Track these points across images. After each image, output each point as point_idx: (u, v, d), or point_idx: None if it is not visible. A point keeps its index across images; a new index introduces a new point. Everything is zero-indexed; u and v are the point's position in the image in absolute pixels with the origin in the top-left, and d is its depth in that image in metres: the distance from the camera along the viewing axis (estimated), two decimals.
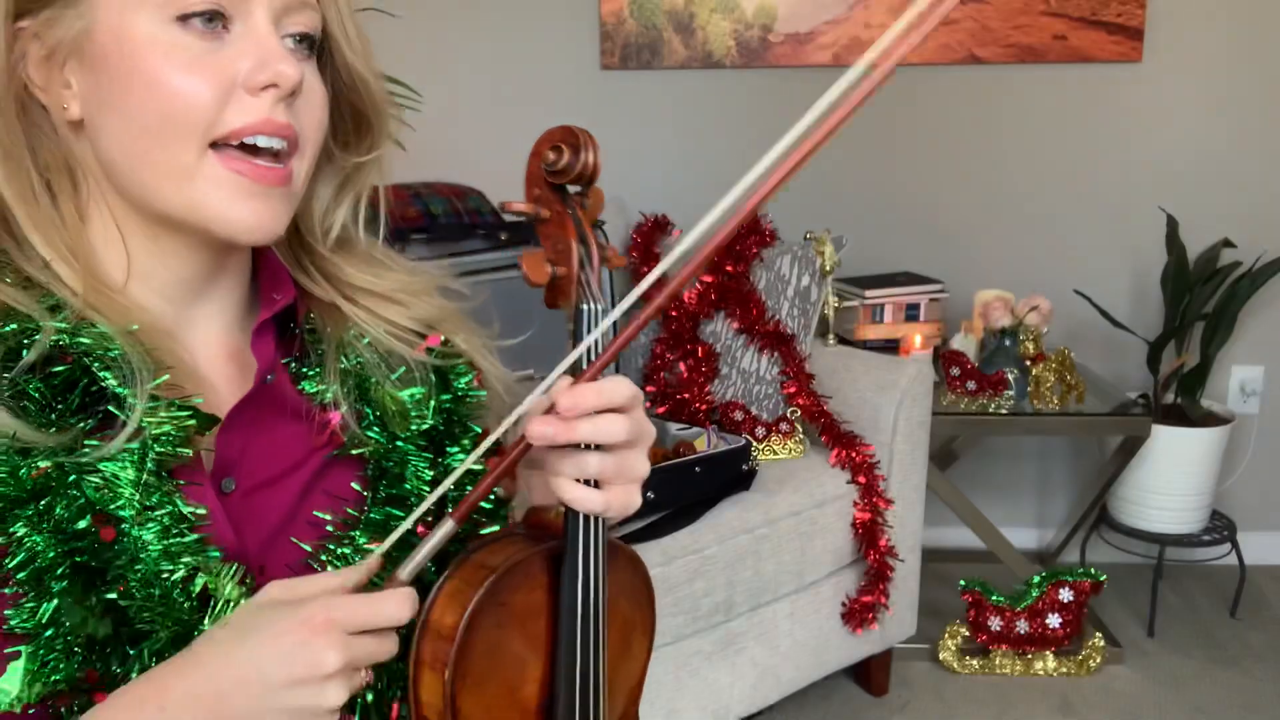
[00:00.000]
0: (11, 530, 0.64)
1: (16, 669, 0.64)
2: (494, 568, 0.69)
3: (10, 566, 0.65)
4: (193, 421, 0.69)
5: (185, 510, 0.68)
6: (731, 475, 2.09)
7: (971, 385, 2.53)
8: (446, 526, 0.68)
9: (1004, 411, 2.52)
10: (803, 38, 2.80)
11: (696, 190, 2.82)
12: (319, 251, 0.80)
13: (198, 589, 0.68)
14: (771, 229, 2.37)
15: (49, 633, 0.65)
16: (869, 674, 2.42)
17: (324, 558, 0.75)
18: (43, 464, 0.65)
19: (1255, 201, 2.83)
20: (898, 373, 2.25)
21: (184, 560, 0.67)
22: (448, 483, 0.71)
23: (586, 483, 0.70)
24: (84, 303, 0.68)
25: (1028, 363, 2.56)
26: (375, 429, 0.79)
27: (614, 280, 2.49)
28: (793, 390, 2.28)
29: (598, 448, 0.69)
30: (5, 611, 0.65)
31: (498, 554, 0.71)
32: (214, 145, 0.68)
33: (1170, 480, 2.67)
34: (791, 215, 2.48)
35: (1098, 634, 2.50)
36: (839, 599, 2.23)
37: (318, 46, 0.73)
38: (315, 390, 0.78)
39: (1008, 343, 2.57)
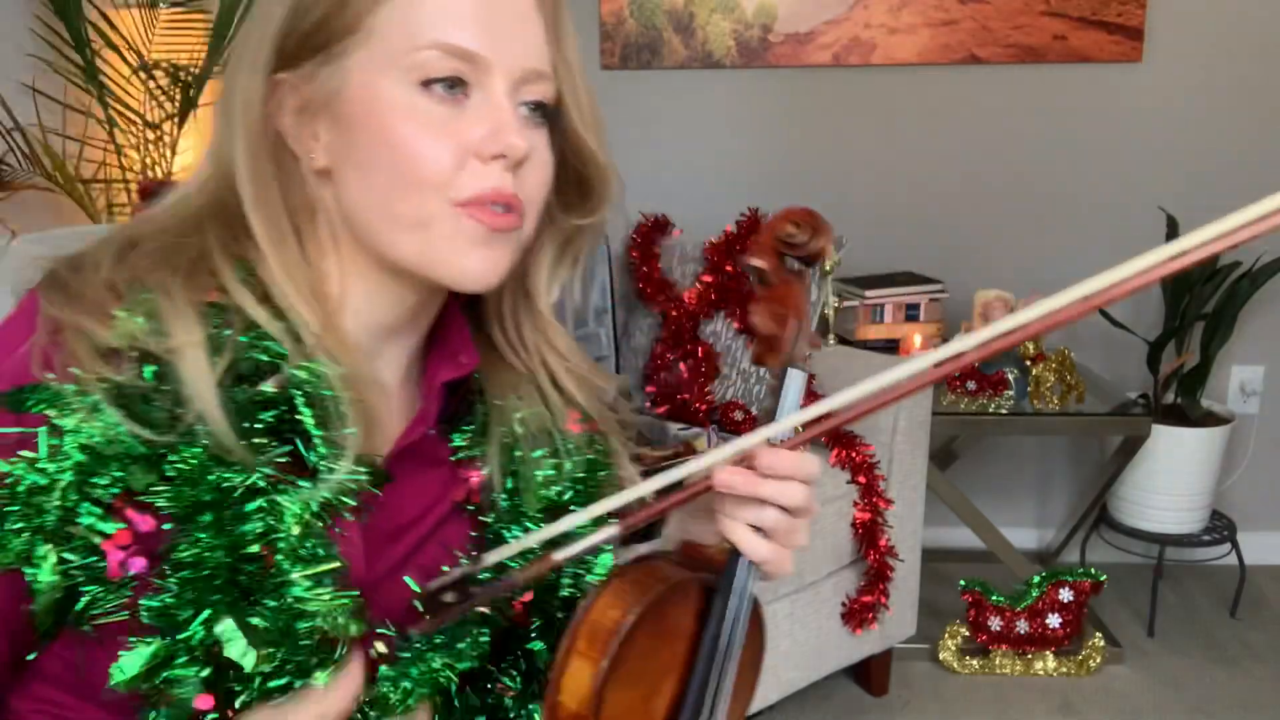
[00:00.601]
0: (192, 531, 0.66)
1: (144, 654, 0.66)
2: (663, 579, 0.73)
3: (176, 558, 0.66)
4: (368, 478, 0.72)
5: (336, 559, 0.70)
6: None
7: (971, 385, 2.54)
8: (611, 530, 0.73)
9: (1004, 411, 2.52)
10: (803, 38, 2.80)
11: (696, 190, 2.83)
12: (540, 310, 0.84)
13: (321, 632, 0.70)
14: None
15: (181, 634, 0.66)
16: (869, 674, 2.42)
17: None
18: (232, 477, 0.67)
19: (1255, 201, 2.83)
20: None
21: (321, 603, 0.69)
22: (618, 499, 0.74)
23: (757, 532, 0.75)
24: (316, 340, 0.71)
25: (1028, 363, 2.56)
26: (506, 498, 0.82)
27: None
28: None
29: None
30: (141, 600, 0.66)
31: (660, 571, 0.75)
32: (453, 204, 0.71)
33: (1170, 480, 2.67)
34: None
35: (1098, 634, 2.50)
36: (839, 599, 2.23)
37: (551, 112, 0.76)
38: (462, 445, 0.81)
39: None
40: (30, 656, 0.70)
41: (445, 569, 0.78)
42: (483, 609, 0.78)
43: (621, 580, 0.73)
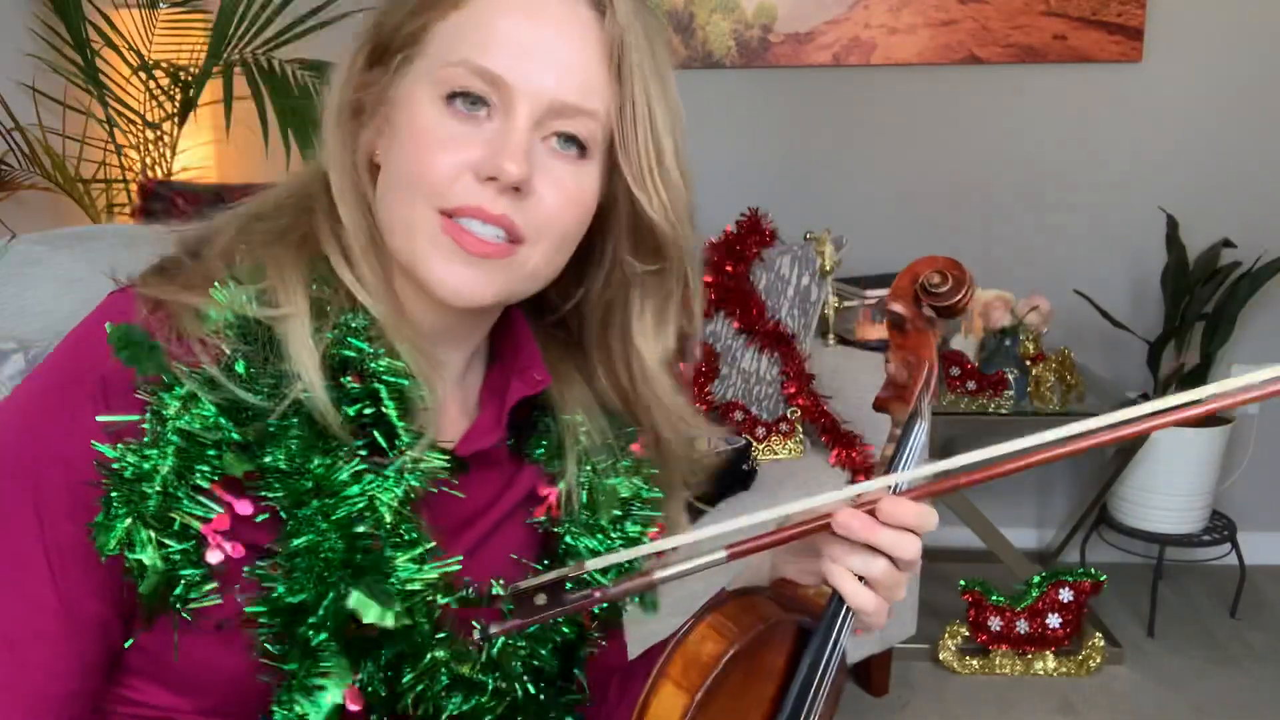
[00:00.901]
0: (304, 518, 0.69)
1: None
2: (762, 618, 0.72)
3: (294, 546, 0.69)
4: (448, 465, 0.74)
5: (430, 541, 0.73)
6: (731, 475, 2.09)
7: (971, 385, 2.53)
8: (719, 555, 0.71)
9: (1004, 411, 2.52)
10: (803, 38, 2.80)
11: (697, 190, 2.82)
12: (648, 365, 0.84)
13: (437, 613, 0.73)
14: (771, 229, 2.37)
15: (312, 618, 0.69)
16: (869, 674, 2.42)
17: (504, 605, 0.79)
18: (333, 463, 0.70)
19: (1255, 201, 2.83)
20: None
21: (426, 586, 0.72)
22: (731, 525, 0.73)
23: (860, 582, 0.74)
24: (395, 326, 0.74)
25: (1028, 363, 2.56)
26: (583, 511, 0.83)
27: None
28: (793, 390, 2.28)
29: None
30: (239, 599, 0.69)
31: (759, 609, 0.74)
32: (442, 212, 0.72)
33: (1170, 480, 2.67)
34: (791, 215, 2.48)
35: (1098, 634, 2.50)
36: None
37: (616, 149, 0.76)
38: (539, 458, 0.83)
39: (1008, 343, 2.57)
40: (127, 644, 0.73)
41: (536, 568, 0.80)
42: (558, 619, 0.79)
43: (720, 613, 0.72)
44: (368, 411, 0.72)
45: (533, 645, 0.79)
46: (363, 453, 0.72)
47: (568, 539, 0.82)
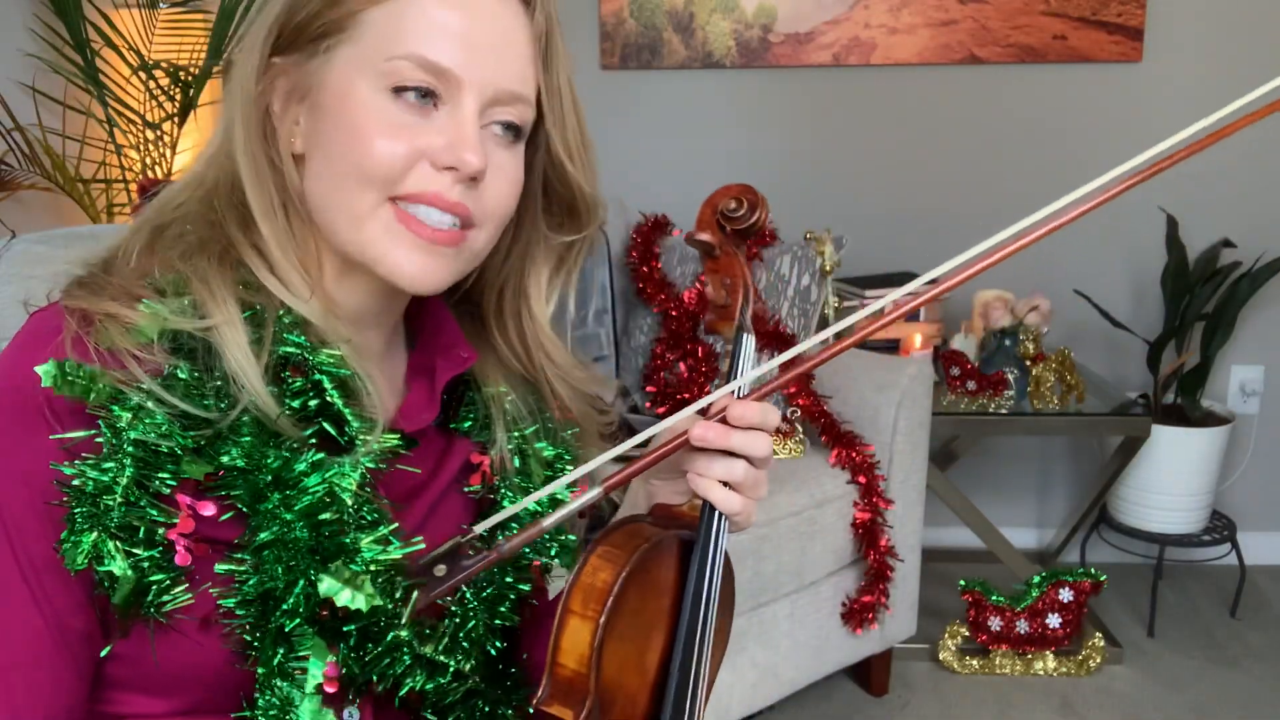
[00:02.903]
0: (267, 512, 0.70)
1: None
2: (645, 538, 0.77)
3: (261, 540, 0.70)
4: (399, 444, 0.77)
5: (393, 523, 0.75)
6: None
7: (971, 385, 2.53)
8: (595, 492, 0.76)
9: (1004, 411, 2.52)
10: (803, 38, 2.80)
11: (697, 190, 2.82)
12: (538, 320, 0.88)
13: (399, 592, 0.74)
14: (771, 229, 2.37)
15: (284, 605, 0.71)
16: (869, 674, 2.42)
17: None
18: (290, 456, 0.71)
19: (1255, 201, 2.83)
20: (898, 373, 2.25)
21: (390, 566, 0.74)
22: (596, 462, 0.78)
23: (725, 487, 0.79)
24: (317, 318, 0.75)
25: (1028, 363, 2.56)
26: (519, 477, 0.86)
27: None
28: (793, 390, 2.28)
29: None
30: (212, 593, 0.71)
31: (641, 532, 0.79)
32: (392, 199, 0.74)
33: (1170, 480, 2.67)
34: (791, 215, 2.48)
35: (1098, 634, 2.50)
36: (839, 599, 2.23)
37: (533, 132, 0.79)
38: (468, 429, 0.86)
39: (1008, 343, 2.57)
40: (104, 652, 0.73)
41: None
42: (509, 578, 0.82)
43: (606, 543, 0.77)
44: (311, 403, 0.73)
45: (492, 607, 0.81)
46: (313, 442, 0.73)
47: (505, 503, 0.84)
